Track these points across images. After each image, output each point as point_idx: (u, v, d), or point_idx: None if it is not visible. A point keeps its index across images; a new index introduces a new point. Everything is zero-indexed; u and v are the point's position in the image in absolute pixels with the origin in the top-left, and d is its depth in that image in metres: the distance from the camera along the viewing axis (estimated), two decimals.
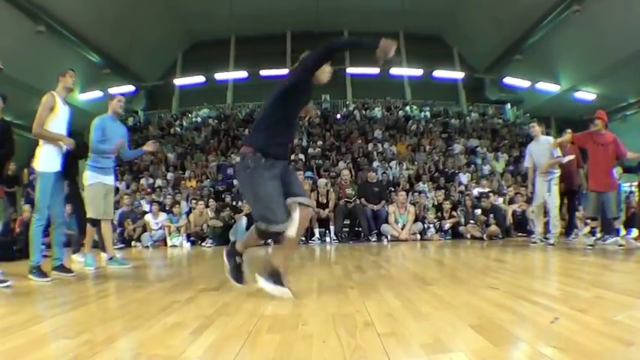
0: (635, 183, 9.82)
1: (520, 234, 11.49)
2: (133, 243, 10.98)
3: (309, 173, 13.86)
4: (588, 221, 8.79)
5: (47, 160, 5.07)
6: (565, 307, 2.79)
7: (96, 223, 6.29)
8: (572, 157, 9.05)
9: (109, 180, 6.36)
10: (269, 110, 3.62)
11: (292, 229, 3.45)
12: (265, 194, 3.41)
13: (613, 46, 18.34)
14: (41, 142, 5.08)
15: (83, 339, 2.24)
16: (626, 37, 17.34)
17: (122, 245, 10.49)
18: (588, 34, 18.92)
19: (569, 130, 8.30)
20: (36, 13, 18.19)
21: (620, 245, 7.46)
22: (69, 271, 5.22)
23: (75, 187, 7.37)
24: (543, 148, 8.60)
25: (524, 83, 24.49)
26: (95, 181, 6.15)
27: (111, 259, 6.26)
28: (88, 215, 6.25)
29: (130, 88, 24.33)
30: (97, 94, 22.54)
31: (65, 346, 2.12)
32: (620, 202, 9.19)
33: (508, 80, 25.13)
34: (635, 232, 9.25)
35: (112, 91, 20.73)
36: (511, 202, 12.19)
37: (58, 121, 5.15)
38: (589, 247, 7.26)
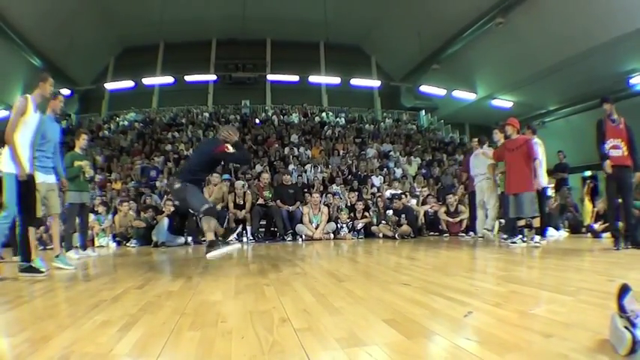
0: (551, 185, 10.28)
1: (432, 233, 11.93)
2: (62, 243, 10.57)
3: (226, 175, 13.82)
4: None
5: (10, 161, 4.99)
6: (479, 302, 2.83)
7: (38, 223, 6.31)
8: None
9: (51, 179, 6.26)
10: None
11: None
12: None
13: (536, 57, 19.24)
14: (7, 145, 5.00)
15: (24, 337, 2.26)
16: (550, 48, 18.25)
17: (53, 246, 10.07)
18: (511, 45, 19.73)
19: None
20: None
21: (513, 243, 7.81)
22: (38, 270, 5.12)
23: None
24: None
25: (440, 91, 25.22)
26: (39, 181, 5.94)
27: (57, 256, 6.17)
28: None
29: (65, 91, 23.58)
30: None
31: (9, 344, 2.17)
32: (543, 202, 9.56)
33: (424, 88, 25.81)
34: (550, 231, 9.65)
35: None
36: (424, 203, 12.58)
37: (26, 128, 5.13)
38: (537, 245, 7.36)
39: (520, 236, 7.97)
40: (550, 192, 10.55)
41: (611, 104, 7.23)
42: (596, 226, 9.56)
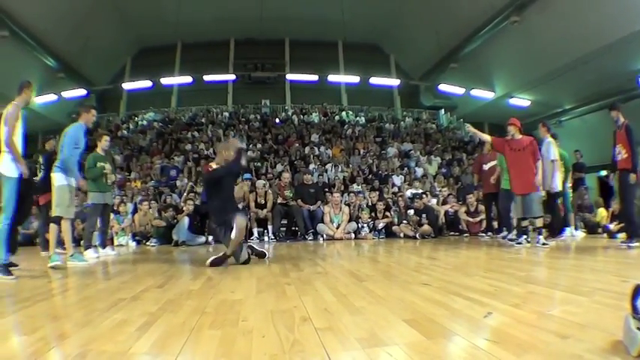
0: (569, 184, 10.22)
1: (452, 233, 11.92)
2: (82, 242, 10.72)
3: (247, 175, 13.88)
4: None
5: (12, 165, 5.27)
6: (498, 302, 2.83)
7: (60, 221, 6.53)
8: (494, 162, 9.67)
9: (74, 182, 6.66)
10: None
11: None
12: None
13: (550, 56, 19.19)
14: (5, 149, 5.28)
15: (39, 335, 2.27)
16: (563, 47, 18.17)
17: (72, 244, 10.19)
18: (526, 43, 19.73)
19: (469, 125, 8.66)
20: (1, 19, 17.87)
21: (519, 243, 7.84)
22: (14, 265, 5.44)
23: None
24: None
25: (459, 90, 25.12)
26: (64, 182, 6.46)
27: (72, 255, 6.50)
28: (56, 214, 6.49)
29: (82, 92, 24.35)
30: (52, 97, 22.20)
31: (24, 343, 2.18)
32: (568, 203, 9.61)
33: (443, 87, 25.78)
34: (568, 231, 9.59)
35: (66, 94, 21.98)
36: (444, 202, 12.56)
37: (19, 132, 5.45)
38: (544, 245, 7.34)
39: (525, 237, 8.00)
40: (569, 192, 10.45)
41: (617, 111, 7.45)
42: (612, 227, 9.49)
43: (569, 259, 5.87)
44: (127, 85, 26.50)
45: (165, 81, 25.23)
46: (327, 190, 13.34)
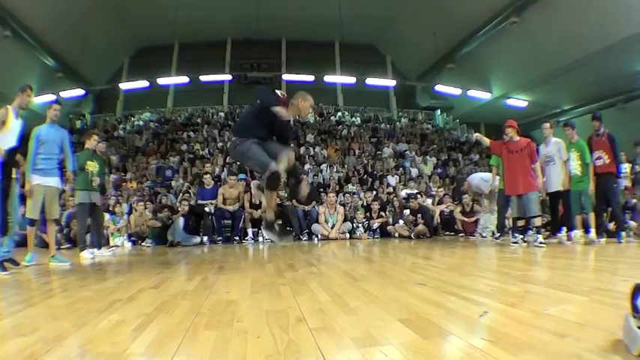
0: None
1: (448, 233, 12.00)
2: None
3: (242, 175, 13.85)
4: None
5: None
6: (494, 302, 2.83)
7: (34, 222, 6.54)
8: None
9: (51, 181, 6.55)
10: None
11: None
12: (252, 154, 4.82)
13: (549, 57, 19.39)
14: None
15: (37, 337, 2.25)
16: (563, 48, 18.37)
17: (69, 245, 10.17)
18: (525, 44, 19.94)
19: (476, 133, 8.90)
20: (4, 18, 18.00)
21: (515, 243, 8.02)
22: (16, 263, 5.86)
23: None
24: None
25: (456, 91, 25.35)
26: (34, 183, 6.36)
27: (52, 256, 6.43)
28: (27, 215, 6.48)
29: (80, 91, 24.63)
30: (50, 97, 22.17)
31: (21, 344, 2.14)
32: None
33: (439, 88, 25.98)
34: (564, 230, 9.59)
35: (64, 94, 22.09)
36: (440, 202, 12.59)
37: (8, 134, 5.90)
38: (541, 245, 7.35)
39: (520, 236, 8.11)
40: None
41: (599, 122, 8.39)
42: (611, 226, 9.49)
43: (567, 258, 5.88)
44: (124, 85, 26.63)
45: (162, 81, 25.39)
46: (322, 190, 13.33)
